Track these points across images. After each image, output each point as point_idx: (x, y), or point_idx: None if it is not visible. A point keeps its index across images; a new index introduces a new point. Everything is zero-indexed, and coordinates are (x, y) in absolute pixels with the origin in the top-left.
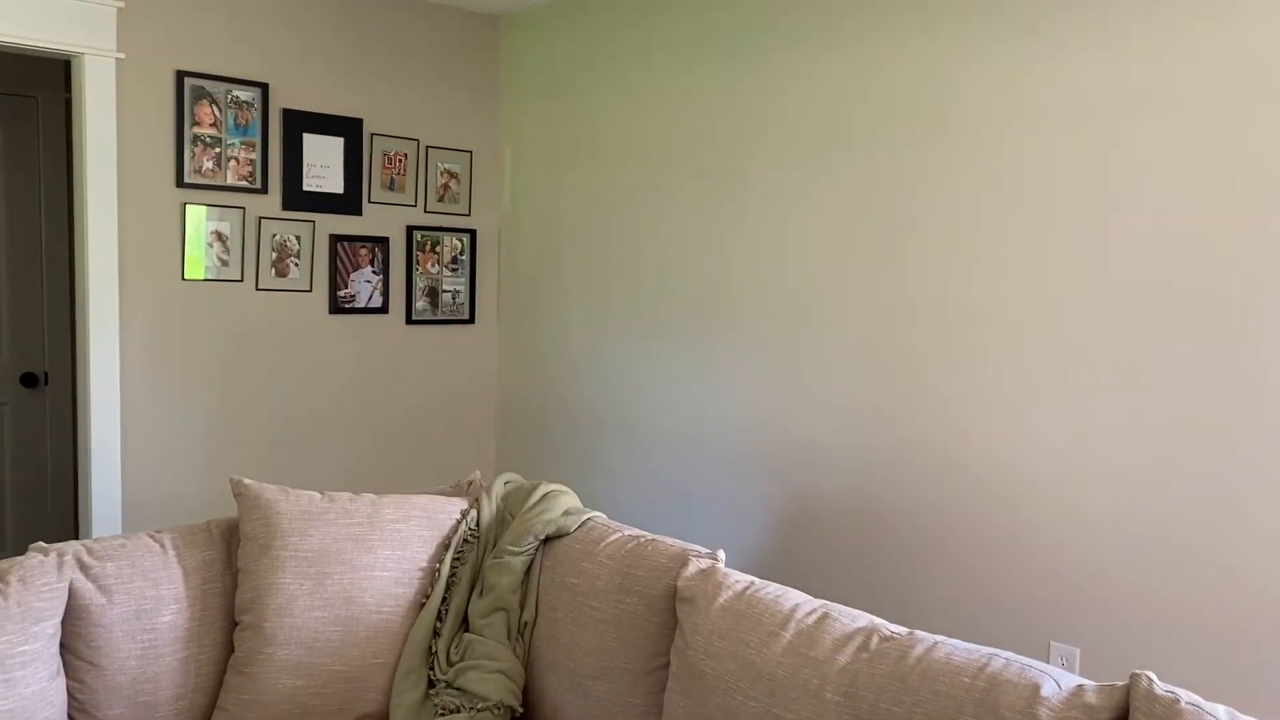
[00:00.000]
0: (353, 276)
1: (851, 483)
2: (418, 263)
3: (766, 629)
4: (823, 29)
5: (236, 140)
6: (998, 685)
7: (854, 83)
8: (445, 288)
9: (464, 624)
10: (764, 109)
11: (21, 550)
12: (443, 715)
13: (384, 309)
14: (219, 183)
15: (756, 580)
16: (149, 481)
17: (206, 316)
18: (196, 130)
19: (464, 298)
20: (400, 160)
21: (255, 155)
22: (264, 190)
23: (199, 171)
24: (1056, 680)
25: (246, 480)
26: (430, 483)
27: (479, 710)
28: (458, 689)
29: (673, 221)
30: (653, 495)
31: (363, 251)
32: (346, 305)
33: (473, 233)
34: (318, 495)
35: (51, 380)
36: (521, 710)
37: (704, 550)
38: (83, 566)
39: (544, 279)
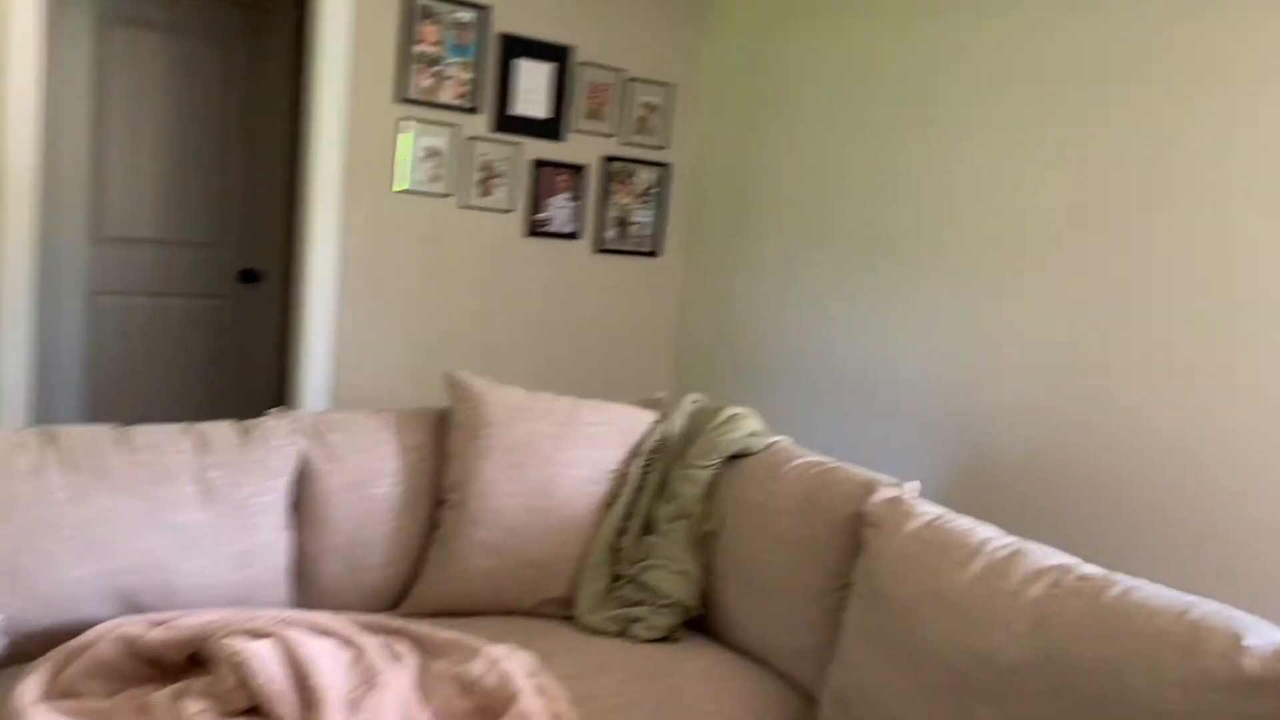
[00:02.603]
0: (549, 201)
1: (1038, 440)
2: (611, 193)
3: (955, 559)
4: None
5: (455, 60)
6: (1200, 631)
7: (1090, 35)
8: (634, 219)
9: (647, 528)
10: (984, 53)
11: None
12: (625, 607)
13: (575, 235)
14: (436, 100)
15: (947, 512)
16: (356, 375)
17: (412, 228)
18: (420, 48)
19: (651, 230)
20: (603, 90)
21: (470, 75)
22: (476, 110)
23: (418, 89)
24: (1262, 631)
25: (460, 372)
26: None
27: (660, 606)
28: (640, 584)
29: (869, 166)
30: (826, 443)
31: (560, 178)
32: (541, 229)
33: (667, 166)
34: (522, 391)
35: (264, 278)
36: (701, 611)
37: (892, 480)
38: (315, 434)
39: (735, 217)
